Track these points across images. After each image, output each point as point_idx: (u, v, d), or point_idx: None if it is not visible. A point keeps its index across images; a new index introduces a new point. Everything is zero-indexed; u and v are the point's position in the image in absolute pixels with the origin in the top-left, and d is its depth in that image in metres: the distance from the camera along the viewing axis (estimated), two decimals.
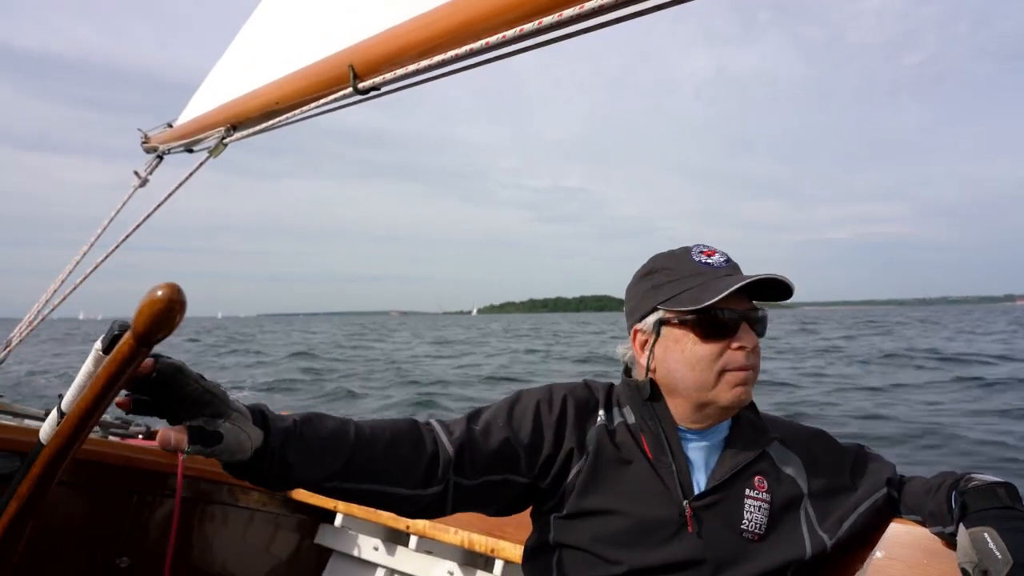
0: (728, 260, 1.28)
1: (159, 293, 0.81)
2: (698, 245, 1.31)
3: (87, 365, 0.99)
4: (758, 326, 1.25)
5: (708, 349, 1.21)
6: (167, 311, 0.81)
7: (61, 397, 1.09)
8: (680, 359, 1.23)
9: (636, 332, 1.31)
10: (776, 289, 1.25)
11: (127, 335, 0.86)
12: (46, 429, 1.15)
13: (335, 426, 1.12)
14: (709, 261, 1.27)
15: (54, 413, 1.12)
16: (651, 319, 1.28)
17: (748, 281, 1.19)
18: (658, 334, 1.27)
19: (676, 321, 1.24)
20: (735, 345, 1.21)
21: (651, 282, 1.30)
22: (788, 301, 1.28)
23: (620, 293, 1.42)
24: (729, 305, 1.20)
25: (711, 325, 1.21)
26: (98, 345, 0.94)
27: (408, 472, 1.16)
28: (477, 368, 21.35)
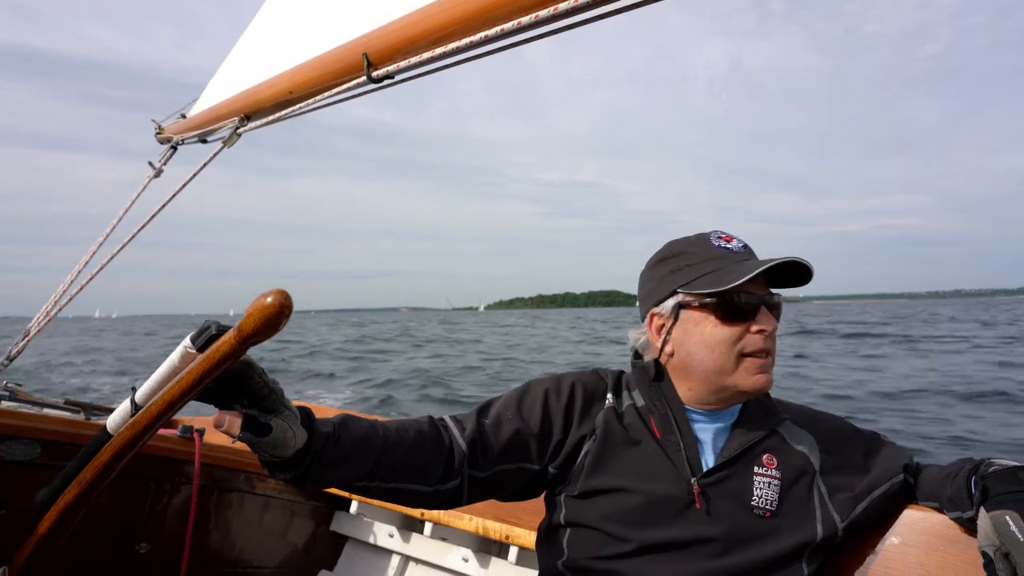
0: (746, 246, 1.31)
1: (270, 299, 0.84)
2: (716, 231, 1.33)
3: (171, 360, 1.02)
4: (775, 311, 1.26)
5: (728, 332, 1.23)
6: (277, 316, 0.84)
7: (134, 390, 1.11)
8: (699, 341, 1.25)
9: (653, 316, 1.33)
10: (793, 276, 1.27)
11: (229, 335, 0.89)
12: (116, 419, 1.17)
13: (366, 428, 1.17)
14: (728, 246, 1.29)
15: (126, 404, 1.14)
16: (670, 303, 1.29)
17: (770, 265, 1.20)
18: (676, 317, 1.29)
19: (696, 304, 1.26)
20: (754, 328, 1.22)
21: (669, 267, 1.31)
22: (794, 294, 1.29)
23: (629, 288, 1.44)
24: (748, 289, 1.22)
25: (731, 308, 1.23)
26: (187, 343, 0.97)
27: (429, 470, 1.21)
28: None
